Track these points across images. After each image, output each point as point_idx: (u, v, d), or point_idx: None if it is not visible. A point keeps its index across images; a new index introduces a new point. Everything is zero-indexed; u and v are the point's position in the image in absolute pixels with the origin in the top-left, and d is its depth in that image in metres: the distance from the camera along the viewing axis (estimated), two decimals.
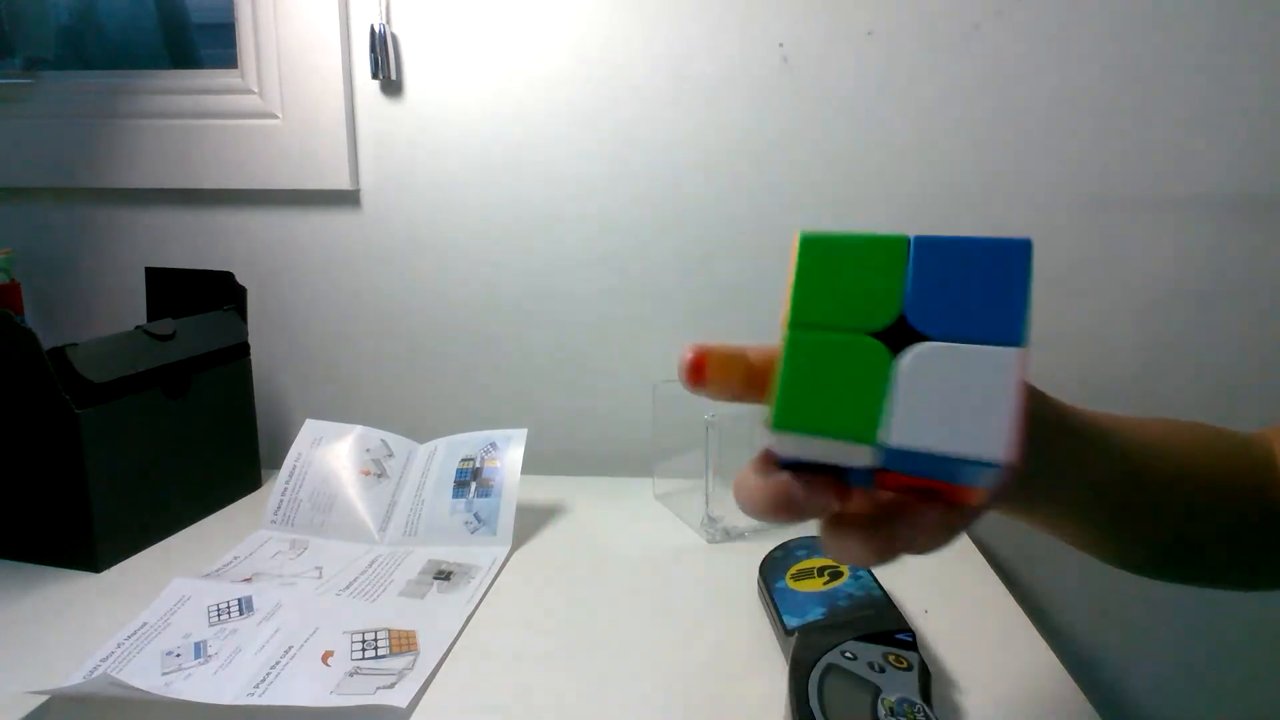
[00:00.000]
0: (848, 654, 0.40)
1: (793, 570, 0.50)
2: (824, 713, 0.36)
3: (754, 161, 0.71)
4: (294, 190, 0.75)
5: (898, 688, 0.37)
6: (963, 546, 0.61)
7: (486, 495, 0.62)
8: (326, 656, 0.46)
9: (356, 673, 0.44)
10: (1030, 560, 0.75)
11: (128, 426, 0.59)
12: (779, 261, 0.73)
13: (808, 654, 0.40)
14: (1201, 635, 0.75)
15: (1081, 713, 0.42)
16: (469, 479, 0.63)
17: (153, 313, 0.71)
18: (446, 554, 0.59)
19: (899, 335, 0.20)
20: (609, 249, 0.74)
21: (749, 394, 0.26)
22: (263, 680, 0.43)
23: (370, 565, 0.57)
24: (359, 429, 0.66)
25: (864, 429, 0.20)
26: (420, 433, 0.69)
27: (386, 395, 0.79)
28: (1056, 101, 0.68)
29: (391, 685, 0.43)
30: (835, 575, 0.48)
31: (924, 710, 0.36)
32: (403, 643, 0.47)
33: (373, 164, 0.75)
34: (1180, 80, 0.66)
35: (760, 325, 0.74)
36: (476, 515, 0.61)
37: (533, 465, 0.64)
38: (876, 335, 0.21)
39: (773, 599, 0.48)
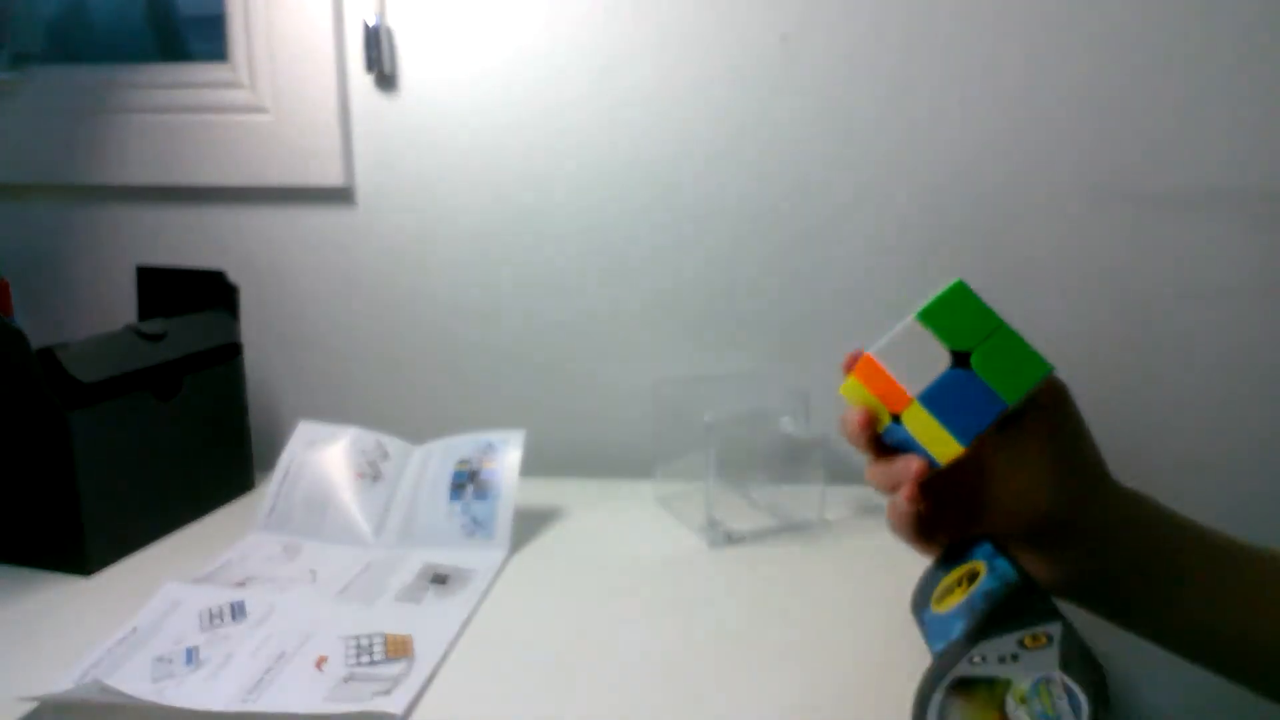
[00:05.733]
0: (975, 658, 0.35)
1: (936, 592, 0.44)
2: None
3: (756, 157, 0.71)
4: (286, 186, 0.75)
5: (1034, 669, 0.33)
6: None
7: (484, 498, 0.61)
8: (321, 662, 0.45)
9: (351, 678, 0.44)
10: None
11: (118, 428, 0.58)
12: (780, 259, 0.72)
13: (931, 677, 0.36)
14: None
15: None
16: (466, 481, 0.62)
17: (143, 312, 0.71)
18: (443, 557, 0.58)
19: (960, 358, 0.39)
20: (608, 245, 0.73)
21: None
22: (256, 686, 0.43)
23: (365, 569, 0.57)
24: (353, 430, 0.66)
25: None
26: (416, 434, 0.69)
27: (381, 396, 0.78)
28: (1064, 94, 0.67)
29: (387, 691, 0.42)
30: (973, 577, 0.42)
31: (1063, 681, 0.32)
32: (398, 648, 0.47)
33: (367, 160, 0.74)
34: (1190, 75, 0.66)
35: (761, 323, 0.74)
36: (473, 518, 0.61)
37: (531, 467, 0.63)
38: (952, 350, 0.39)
39: (926, 633, 0.43)
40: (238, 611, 0.50)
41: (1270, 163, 0.66)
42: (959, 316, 0.39)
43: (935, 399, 0.40)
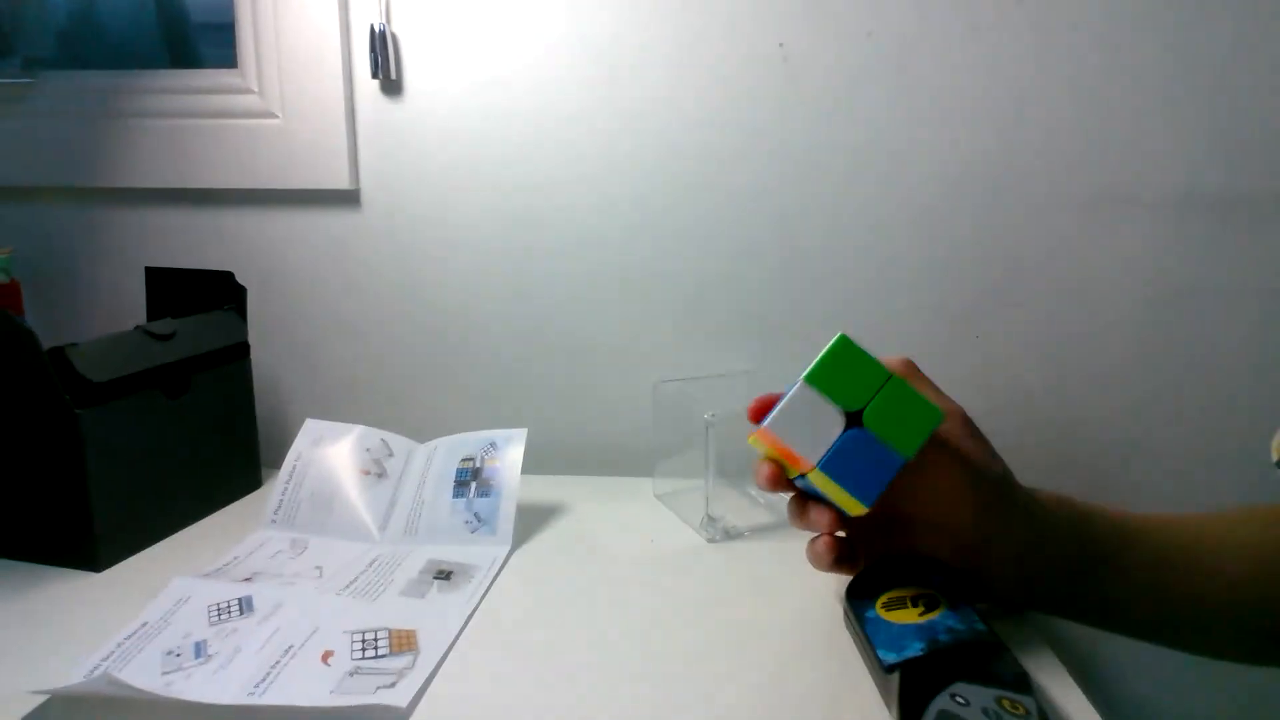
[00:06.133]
0: (959, 698, 0.36)
1: (883, 599, 0.45)
2: None
3: (754, 161, 0.71)
4: (294, 190, 0.75)
5: None
6: None
7: (486, 495, 0.62)
8: (326, 656, 0.46)
9: (357, 672, 0.44)
10: None
11: (128, 426, 0.59)
12: (778, 261, 0.73)
13: (914, 695, 0.37)
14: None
15: (1083, 713, 0.42)
16: (469, 479, 0.63)
17: (153, 312, 0.71)
18: (447, 553, 0.59)
19: (853, 417, 0.39)
20: (610, 248, 0.74)
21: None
22: (263, 680, 0.43)
23: (370, 565, 0.57)
24: (359, 428, 0.66)
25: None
26: (420, 432, 0.69)
27: (387, 395, 0.79)
28: (1057, 102, 0.68)
29: (392, 685, 0.43)
30: (932, 606, 0.43)
31: None
32: (403, 642, 0.47)
33: (372, 163, 0.75)
34: (1183, 80, 0.66)
35: (760, 325, 0.74)
36: (477, 515, 0.61)
37: (532, 465, 0.64)
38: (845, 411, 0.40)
39: (864, 630, 0.44)
40: (245, 606, 0.51)
41: (1266, 165, 0.67)
42: (847, 373, 0.39)
43: (834, 465, 0.39)
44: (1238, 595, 0.43)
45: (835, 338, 0.39)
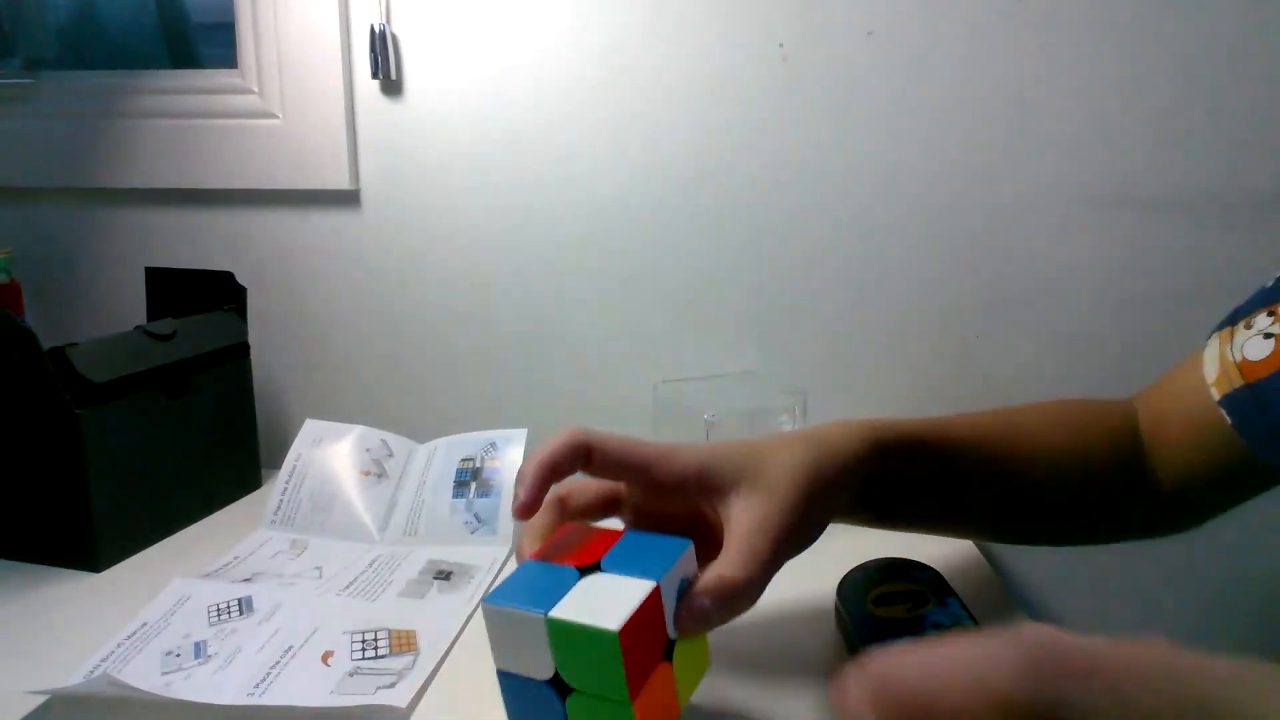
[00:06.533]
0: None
1: (873, 595, 0.46)
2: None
3: (754, 161, 0.71)
4: (294, 190, 0.76)
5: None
6: (962, 545, 0.61)
7: (486, 495, 0.62)
8: (326, 656, 0.46)
9: (356, 673, 0.44)
10: (1029, 559, 0.75)
11: (128, 426, 0.59)
12: (778, 260, 0.73)
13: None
14: (1208, 638, 0.75)
15: None
16: (469, 479, 0.63)
17: (153, 312, 0.72)
18: (446, 554, 0.59)
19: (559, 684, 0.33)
20: (610, 248, 0.74)
21: None
22: (263, 680, 0.43)
23: (370, 565, 0.57)
24: (359, 429, 0.66)
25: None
26: (420, 433, 0.69)
27: (387, 395, 0.79)
28: (1057, 101, 0.68)
29: (392, 685, 0.43)
30: (920, 603, 0.44)
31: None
32: (403, 643, 0.47)
33: (373, 164, 0.75)
34: (1183, 80, 0.66)
35: (760, 325, 0.74)
36: (477, 515, 0.61)
37: None
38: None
39: (853, 626, 0.44)
40: (245, 606, 0.51)
41: (1265, 166, 0.67)
42: (591, 662, 0.31)
43: (510, 688, 0.35)
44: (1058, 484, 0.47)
45: (609, 630, 0.30)
